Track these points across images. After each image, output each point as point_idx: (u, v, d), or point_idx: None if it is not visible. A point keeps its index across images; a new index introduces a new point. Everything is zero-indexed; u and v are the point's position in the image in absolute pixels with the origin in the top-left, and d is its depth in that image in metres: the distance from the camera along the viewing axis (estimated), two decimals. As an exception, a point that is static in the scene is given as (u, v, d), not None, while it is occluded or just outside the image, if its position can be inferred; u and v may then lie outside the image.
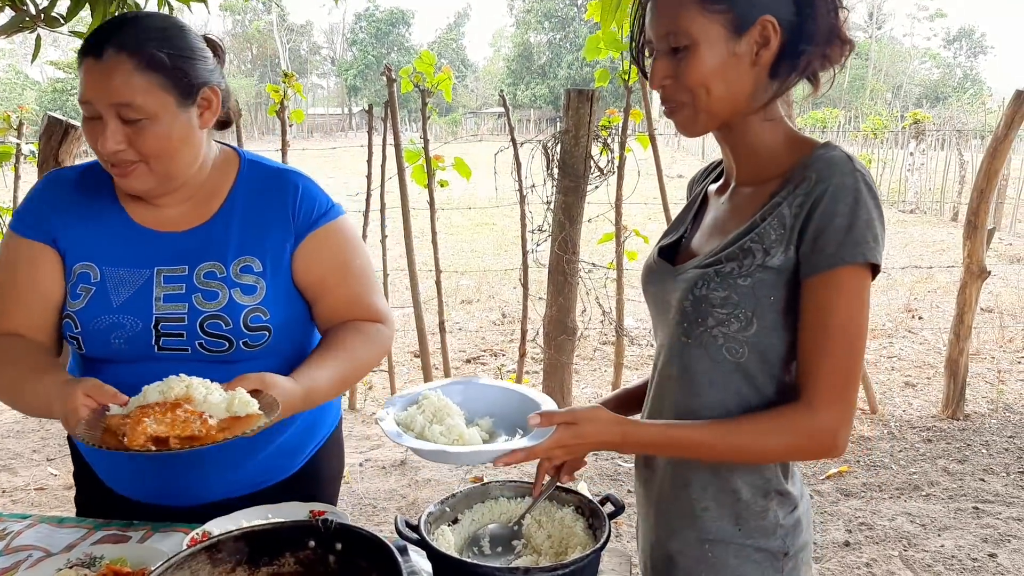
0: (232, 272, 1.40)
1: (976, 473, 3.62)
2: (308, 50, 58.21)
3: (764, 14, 1.07)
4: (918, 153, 13.25)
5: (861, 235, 1.04)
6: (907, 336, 6.07)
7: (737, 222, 1.16)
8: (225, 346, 1.39)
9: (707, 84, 1.09)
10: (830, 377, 1.06)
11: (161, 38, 1.30)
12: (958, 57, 54.83)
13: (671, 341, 1.22)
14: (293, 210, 1.45)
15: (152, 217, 1.42)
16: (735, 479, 1.18)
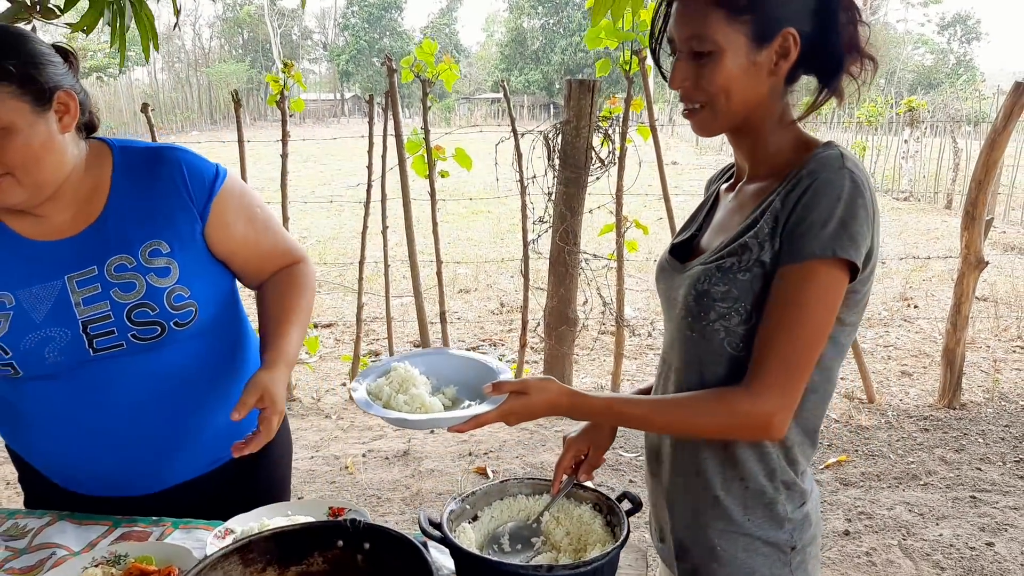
0: (142, 259, 1.40)
1: (973, 462, 3.67)
2: (300, 35, 57.78)
3: (786, 27, 1.10)
4: (912, 141, 13.28)
5: (836, 231, 1.06)
6: (903, 325, 6.11)
7: (740, 219, 1.20)
8: (157, 331, 1.41)
9: (727, 90, 1.13)
10: (777, 365, 1.10)
11: (2, 49, 1.27)
12: (952, 43, 54.80)
13: (677, 335, 1.25)
14: (186, 188, 1.45)
15: (41, 229, 1.40)
16: (743, 468, 1.20)
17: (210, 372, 1.53)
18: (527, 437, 4.06)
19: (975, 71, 48.68)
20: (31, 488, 1.64)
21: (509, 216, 9.49)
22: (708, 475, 1.23)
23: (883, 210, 12.07)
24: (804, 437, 1.21)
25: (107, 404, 1.42)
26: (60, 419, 1.43)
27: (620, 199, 4.30)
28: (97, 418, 1.43)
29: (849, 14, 1.14)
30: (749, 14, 1.10)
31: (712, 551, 1.24)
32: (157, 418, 1.46)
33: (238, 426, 1.52)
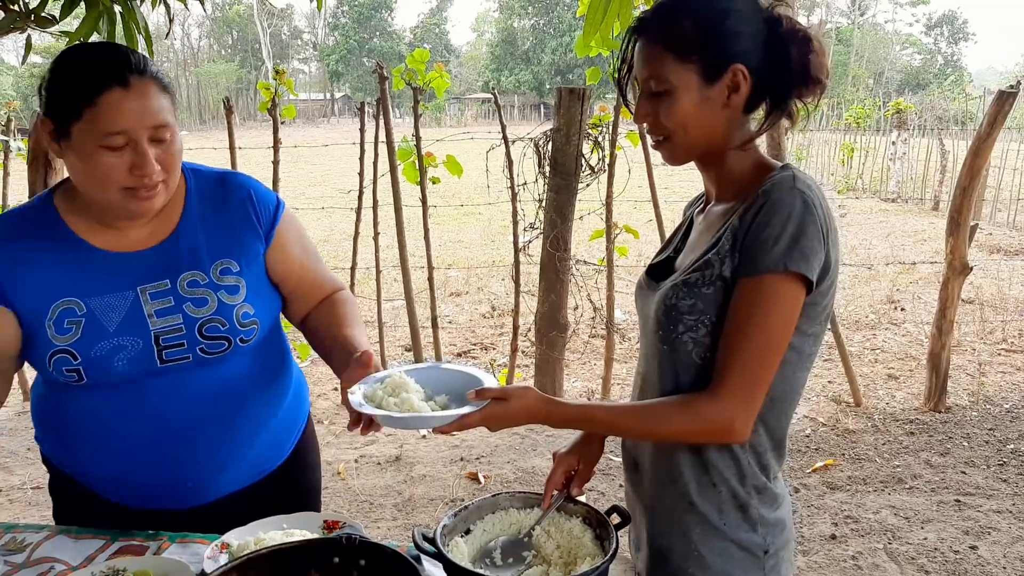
0: (213, 276, 1.46)
1: (958, 466, 3.72)
2: (289, 34, 57.66)
3: (734, 63, 1.20)
4: (900, 142, 13.38)
5: (788, 247, 1.14)
6: (890, 328, 6.17)
7: (706, 239, 1.28)
8: (224, 346, 1.46)
9: (684, 124, 1.23)
10: (739, 372, 1.17)
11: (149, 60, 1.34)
12: (939, 43, 55.13)
13: (651, 349, 1.34)
14: (255, 211, 1.53)
15: (115, 241, 1.44)
16: (717, 473, 1.26)
17: (261, 386, 1.57)
18: (518, 442, 4.09)
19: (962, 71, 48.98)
20: (65, 500, 1.64)
21: (500, 218, 9.51)
22: (684, 480, 1.29)
23: (870, 211, 12.18)
24: (773, 443, 1.28)
25: (166, 416, 1.45)
26: (117, 429, 1.45)
27: (610, 205, 4.34)
28: (155, 429, 1.45)
29: (801, 47, 1.22)
30: (697, 54, 1.20)
31: (690, 555, 1.29)
32: (212, 431, 1.49)
33: (281, 439, 1.62)
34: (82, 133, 1.28)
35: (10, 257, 1.40)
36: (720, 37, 1.20)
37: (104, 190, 1.32)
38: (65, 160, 1.34)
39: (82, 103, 1.27)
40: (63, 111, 1.29)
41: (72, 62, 1.32)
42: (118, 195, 1.33)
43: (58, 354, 1.38)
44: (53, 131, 1.32)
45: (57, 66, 1.33)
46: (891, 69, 50.53)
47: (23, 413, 4.59)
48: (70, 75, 1.30)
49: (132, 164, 1.30)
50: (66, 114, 1.29)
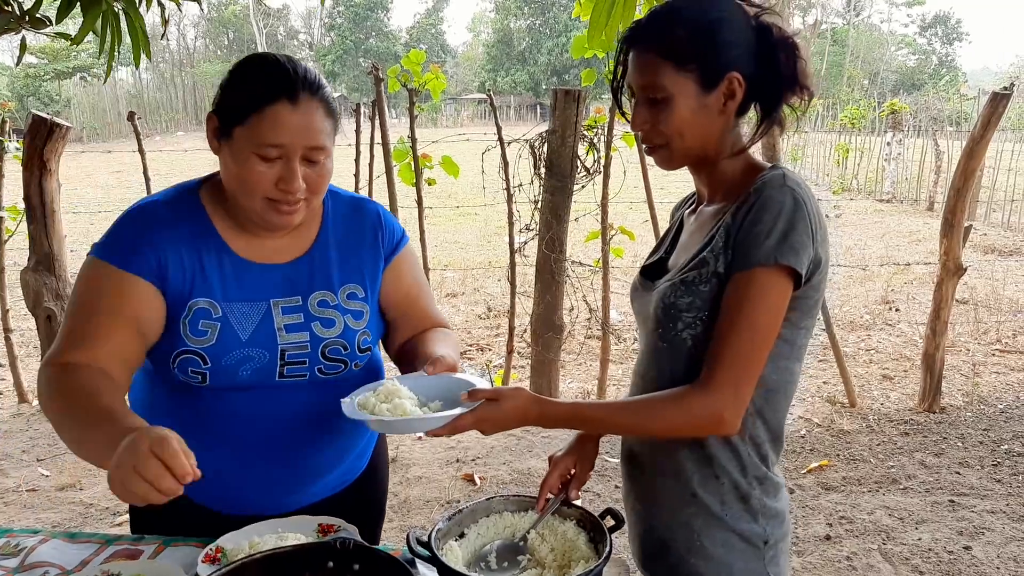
0: (341, 299, 1.49)
1: (952, 466, 3.73)
2: (285, 35, 57.58)
3: (730, 71, 1.24)
4: (895, 143, 13.41)
5: (778, 241, 1.18)
6: (884, 328, 6.19)
7: (700, 237, 1.32)
8: (341, 368, 1.48)
9: (681, 131, 1.27)
10: (728, 364, 1.20)
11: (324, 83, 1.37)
12: (933, 43, 55.25)
13: (650, 347, 1.37)
14: (380, 237, 1.57)
15: (255, 251, 1.45)
16: (718, 465, 1.29)
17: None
18: (514, 443, 4.09)
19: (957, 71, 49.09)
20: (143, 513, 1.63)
21: (496, 219, 9.52)
22: (687, 474, 1.31)
23: (865, 212, 12.21)
24: (771, 434, 1.31)
25: (273, 425, 1.46)
26: (222, 432, 1.45)
27: (605, 207, 4.34)
28: (260, 437, 1.46)
29: (788, 52, 1.27)
30: (695, 63, 1.23)
31: (693, 546, 1.32)
32: (313, 443, 1.51)
33: (363, 451, 1.65)
34: (242, 137, 1.31)
35: (165, 244, 1.39)
36: (716, 46, 1.24)
37: (248, 196, 1.34)
38: (220, 158, 1.37)
39: (249, 110, 1.29)
40: (230, 113, 1.32)
41: (250, 68, 1.35)
42: (260, 204, 1.35)
43: (187, 355, 1.38)
44: (217, 128, 1.35)
45: (236, 69, 1.37)
46: (886, 69, 50.64)
47: (18, 415, 4.59)
48: (245, 81, 1.33)
49: (280, 177, 1.32)
50: (232, 116, 1.32)
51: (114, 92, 32.98)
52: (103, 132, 30.76)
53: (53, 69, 34.94)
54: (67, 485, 3.69)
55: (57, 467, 3.89)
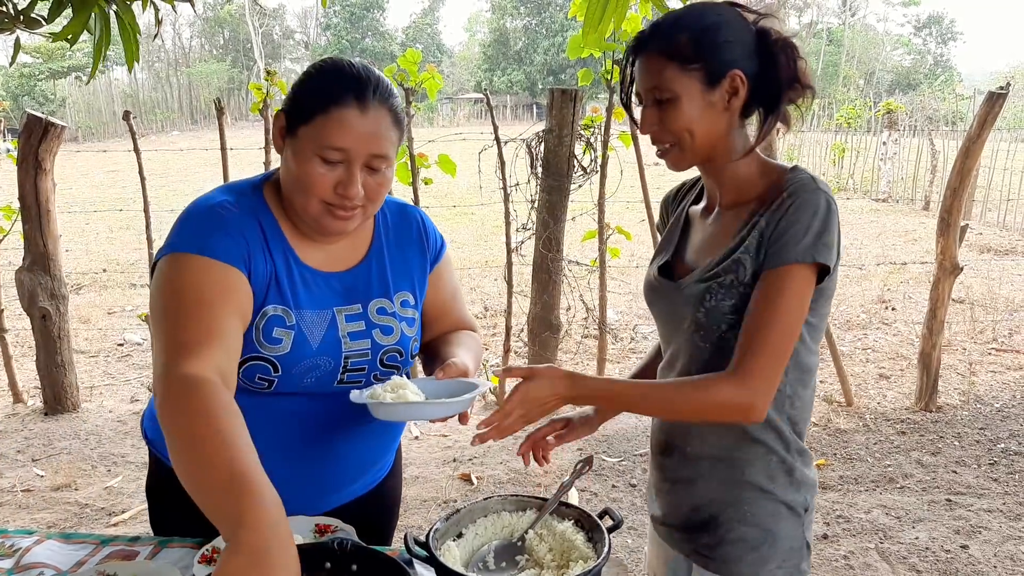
0: (396, 306, 1.49)
1: (949, 465, 3.73)
2: (281, 34, 57.49)
3: (733, 69, 1.30)
4: (891, 143, 13.43)
5: (813, 241, 1.26)
6: (881, 328, 6.20)
7: (727, 238, 1.37)
8: (393, 374, 1.47)
9: (690, 129, 1.32)
10: (762, 355, 1.26)
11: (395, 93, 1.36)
12: (928, 44, 55.37)
13: (686, 346, 1.41)
14: (425, 244, 1.57)
15: (318, 258, 1.44)
16: (765, 443, 1.38)
17: None
18: (511, 443, 4.09)
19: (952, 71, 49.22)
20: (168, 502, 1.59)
21: (493, 218, 9.52)
22: (735, 454, 1.39)
23: (861, 211, 12.22)
24: (805, 411, 1.41)
25: (321, 429, 1.46)
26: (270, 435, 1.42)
27: (602, 206, 4.34)
28: (311, 439, 1.46)
29: (788, 52, 1.33)
30: (698, 62, 1.29)
31: (743, 518, 1.39)
32: (355, 445, 1.52)
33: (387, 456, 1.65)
34: (306, 137, 1.29)
35: (249, 238, 1.34)
36: (718, 45, 1.30)
37: (305, 197, 1.32)
38: (283, 158, 1.35)
39: (317, 110, 1.28)
40: (298, 112, 1.31)
41: (323, 70, 1.33)
42: (316, 206, 1.32)
43: (257, 361, 1.34)
44: (283, 127, 1.33)
45: (310, 70, 1.35)
46: (882, 69, 50.75)
47: (13, 415, 4.57)
48: (316, 81, 1.32)
49: (339, 181, 1.30)
50: (300, 115, 1.30)
51: (109, 91, 32.90)
52: (98, 131, 30.67)
53: (48, 68, 34.85)
54: (62, 485, 3.68)
55: (52, 467, 3.87)
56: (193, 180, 15.32)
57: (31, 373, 4.84)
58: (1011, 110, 17.13)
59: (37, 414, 4.56)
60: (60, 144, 4.29)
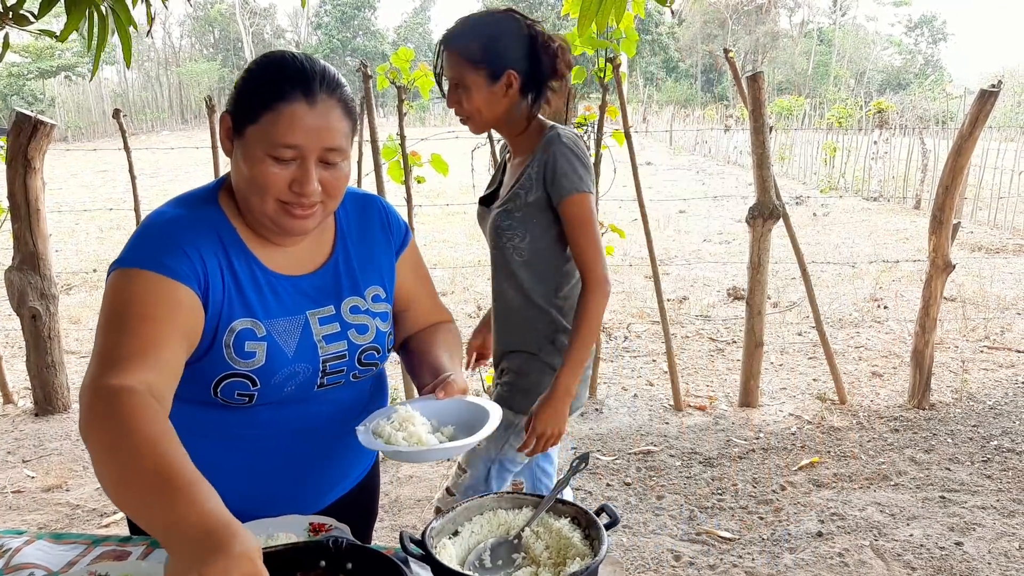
0: (368, 303, 1.45)
1: (942, 463, 3.74)
2: (272, 33, 57.30)
3: (508, 69, 1.92)
4: (882, 142, 13.47)
5: (571, 176, 1.93)
6: (873, 326, 6.21)
7: (514, 178, 2.04)
8: (372, 371, 1.46)
9: (479, 110, 1.95)
10: (596, 264, 1.96)
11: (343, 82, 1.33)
12: (919, 44, 55.62)
13: (492, 257, 2.14)
14: (389, 234, 1.52)
15: (283, 262, 1.39)
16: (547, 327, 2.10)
17: (376, 400, 1.57)
18: (504, 442, 4.07)
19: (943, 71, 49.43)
20: None
21: (485, 218, 9.48)
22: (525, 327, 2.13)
23: (853, 211, 12.26)
24: (571, 303, 2.07)
25: (305, 432, 1.44)
26: (254, 446, 1.42)
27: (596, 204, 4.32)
28: (293, 444, 1.44)
29: (549, 52, 1.95)
30: (483, 64, 1.90)
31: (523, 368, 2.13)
32: (341, 445, 1.49)
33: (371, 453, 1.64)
34: (255, 137, 1.24)
35: (204, 252, 1.28)
36: (498, 52, 1.90)
37: (260, 198, 1.27)
38: (232, 161, 1.30)
39: (262, 108, 1.23)
40: (244, 111, 1.26)
41: (265, 65, 1.28)
42: (273, 207, 1.27)
43: (234, 378, 1.31)
44: (230, 128, 1.29)
45: (252, 66, 1.30)
46: (872, 69, 50.93)
47: (3, 416, 4.53)
48: (259, 78, 1.27)
49: (294, 179, 1.25)
50: (245, 115, 1.25)
51: (99, 91, 32.71)
52: (88, 131, 30.52)
53: (37, 68, 34.64)
54: (53, 486, 3.65)
55: (43, 468, 3.84)
56: (183, 179, 15.25)
57: (21, 374, 4.80)
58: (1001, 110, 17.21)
59: (28, 415, 4.52)
60: (49, 143, 4.26)
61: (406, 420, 1.31)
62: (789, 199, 12.98)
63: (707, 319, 6.48)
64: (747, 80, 4.16)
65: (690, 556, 2.98)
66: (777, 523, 3.22)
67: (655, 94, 41.84)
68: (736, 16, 51.78)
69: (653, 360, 5.43)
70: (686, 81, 50.28)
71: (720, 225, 11.06)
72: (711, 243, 9.98)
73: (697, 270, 8.11)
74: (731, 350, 5.62)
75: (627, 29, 4.07)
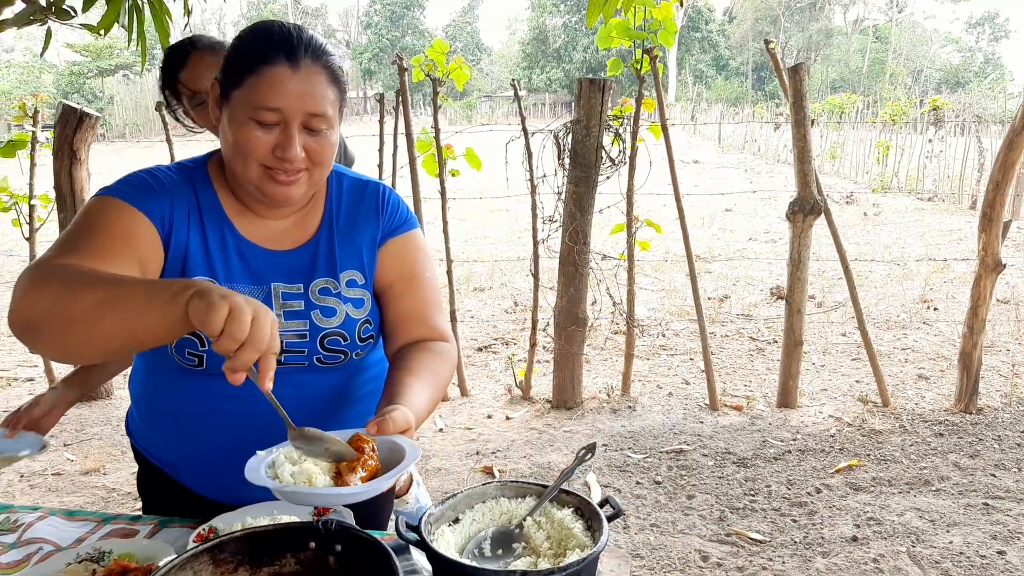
0: (342, 287, 1.42)
1: (987, 468, 3.60)
2: (323, 33, 58.08)
3: None
4: (937, 140, 13.09)
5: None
6: (921, 328, 6.02)
7: None
8: (341, 359, 1.43)
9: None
10: None
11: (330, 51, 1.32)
12: (980, 41, 53.98)
13: None
14: (382, 215, 1.48)
15: (260, 233, 1.40)
16: None
17: (364, 392, 1.54)
18: (535, 437, 4.05)
19: (1003, 69, 47.90)
20: (156, 495, 1.60)
21: (526, 214, 9.48)
22: None
23: (906, 210, 11.91)
24: None
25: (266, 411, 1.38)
26: (220, 419, 1.41)
27: (631, 198, 4.27)
28: (258, 423, 1.39)
29: None
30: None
31: None
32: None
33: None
34: (239, 101, 1.26)
35: (176, 201, 1.34)
36: None
37: (244, 163, 1.28)
38: (220, 126, 1.32)
39: (245, 72, 1.25)
40: (229, 76, 1.28)
41: (253, 32, 1.30)
42: (256, 171, 1.29)
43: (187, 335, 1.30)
44: (219, 95, 1.30)
45: (241, 33, 1.32)
46: (930, 67, 49.58)
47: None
48: (246, 44, 1.28)
49: (277, 144, 1.26)
50: (230, 80, 1.27)
51: (155, 89, 33.52)
52: (145, 128, 31.27)
53: (96, 66, 35.65)
54: (91, 470, 3.73)
55: (83, 452, 3.93)
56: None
57: (66, 360, 4.92)
58: (1065, 107, 16.54)
59: (72, 401, 4.63)
60: (94, 134, 4.35)
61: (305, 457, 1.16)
62: (840, 197, 12.69)
63: (748, 318, 6.36)
64: (788, 72, 4.06)
65: (718, 557, 2.92)
66: (810, 526, 3.13)
67: (704, 92, 41.34)
68: (789, 13, 50.88)
69: (691, 359, 5.34)
70: (736, 79, 49.58)
71: (767, 224, 10.85)
72: (756, 242, 9.79)
73: (741, 269, 7.95)
74: (771, 350, 5.50)
75: (665, 20, 4.01)
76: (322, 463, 1.16)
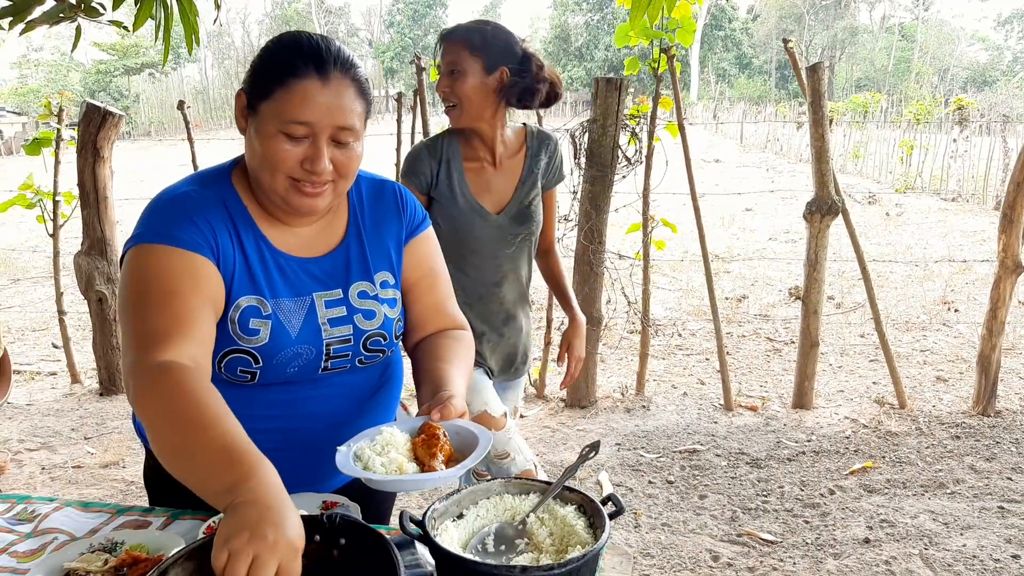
0: (378, 288, 1.45)
1: (1004, 472, 3.56)
2: (346, 32, 58.36)
3: (502, 65, 2.09)
4: (961, 140, 12.93)
5: (563, 168, 2.41)
6: (941, 329, 5.97)
7: (513, 178, 2.25)
8: (379, 357, 1.46)
9: (469, 96, 2.08)
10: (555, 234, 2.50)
11: (357, 63, 1.34)
12: (1008, 40, 53.20)
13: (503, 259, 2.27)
14: (402, 217, 1.51)
15: (291, 243, 1.40)
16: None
17: (388, 386, 1.57)
18: (548, 435, 4.06)
19: (1033, 68, 47.16)
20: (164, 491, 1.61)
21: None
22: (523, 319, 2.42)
23: (929, 211, 11.78)
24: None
25: (310, 416, 1.45)
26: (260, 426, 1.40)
27: (647, 198, 4.27)
28: (300, 427, 1.44)
29: (536, 67, 2.13)
30: (482, 54, 2.06)
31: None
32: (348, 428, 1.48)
33: None
34: (268, 113, 1.26)
35: (214, 224, 1.31)
36: (497, 46, 2.07)
37: (271, 175, 1.29)
38: (246, 138, 1.32)
39: (275, 84, 1.25)
40: (258, 88, 1.28)
41: (281, 43, 1.31)
42: (283, 184, 1.29)
43: (237, 354, 1.33)
44: (245, 106, 1.31)
45: (268, 44, 1.33)
46: (956, 66, 48.95)
47: (70, 395, 4.73)
48: (274, 55, 1.29)
49: (305, 157, 1.27)
50: (259, 91, 1.28)
51: (181, 88, 33.82)
52: (170, 127, 31.59)
53: (123, 65, 36.06)
54: (111, 463, 3.79)
55: (103, 445, 4.00)
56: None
57: (89, 355, 5.00)
58: (1094, 107, 16.32)
59: (93, 394, 4.71)
60: (117, 132, 4.42)
61: (389, 444, 1.26)
62: (862, 197, 12.57)
63: (766, 318, 6.33)
64: (807, 71, 4.04)
65: (729, 557, 2.92)
66: (823, 527, 3.12)
67: (727, 91, 41.08)
68: (814, 11, 50.41)
69: (706, 359, 5.33)
70: (760, 78, 49.23)
71: (787, 224, 10.78)
72: (776, 241, 9.73)
73: (760, 268, 7.91)
74: (788, 351, 5.48)
75: (683, 19, 4.00)
76: (404, 452, 1.25)
